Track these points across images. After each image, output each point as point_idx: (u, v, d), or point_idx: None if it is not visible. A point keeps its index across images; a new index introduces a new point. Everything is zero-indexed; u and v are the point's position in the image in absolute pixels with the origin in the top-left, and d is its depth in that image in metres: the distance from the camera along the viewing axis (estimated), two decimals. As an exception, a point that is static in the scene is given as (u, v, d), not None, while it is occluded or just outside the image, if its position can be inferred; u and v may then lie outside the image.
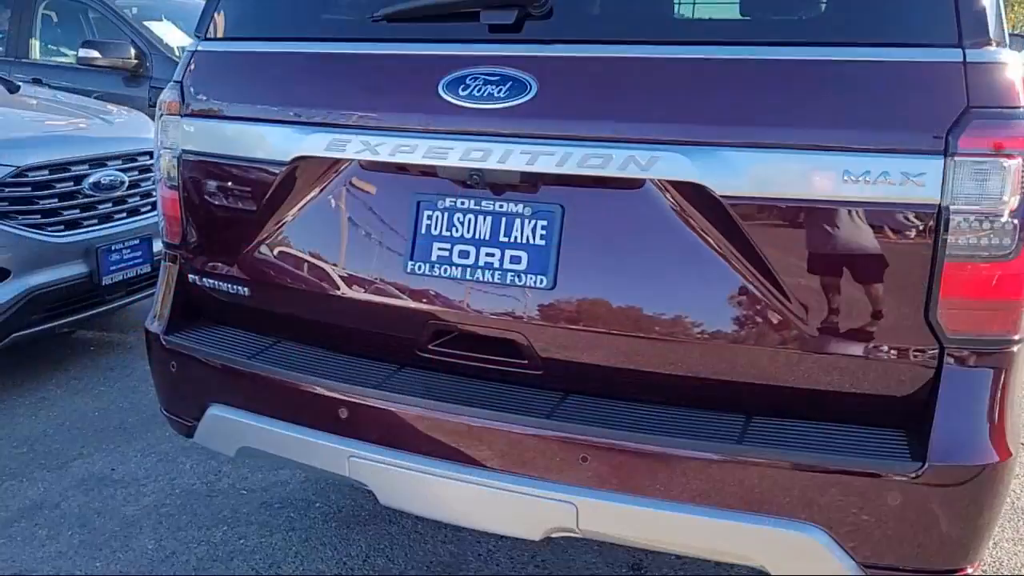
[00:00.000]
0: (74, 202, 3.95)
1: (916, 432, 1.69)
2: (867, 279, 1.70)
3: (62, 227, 3.89)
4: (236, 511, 3.03)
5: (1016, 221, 1.64)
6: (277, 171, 2.08)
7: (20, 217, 3.75)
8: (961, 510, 1.69)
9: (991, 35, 1.66)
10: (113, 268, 4.04)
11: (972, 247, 1.63)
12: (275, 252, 2.14)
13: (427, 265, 1.95)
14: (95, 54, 6.14)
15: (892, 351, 1.71)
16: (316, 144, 2.00)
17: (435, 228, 1.95)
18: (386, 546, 2.84)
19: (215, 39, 2.24)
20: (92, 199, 4.02)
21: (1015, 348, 1.71)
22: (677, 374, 1.84)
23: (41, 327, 3.87)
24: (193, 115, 2.21)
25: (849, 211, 1.67)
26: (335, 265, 2.07)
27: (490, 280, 1.90)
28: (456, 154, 1.86)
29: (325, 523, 2.96)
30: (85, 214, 4.00)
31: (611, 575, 2.71)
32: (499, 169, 1.83)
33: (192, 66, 2.25)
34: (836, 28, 1.74)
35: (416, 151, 1.90)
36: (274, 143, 2.07)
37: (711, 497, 1.75)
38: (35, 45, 6.75)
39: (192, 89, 2.23)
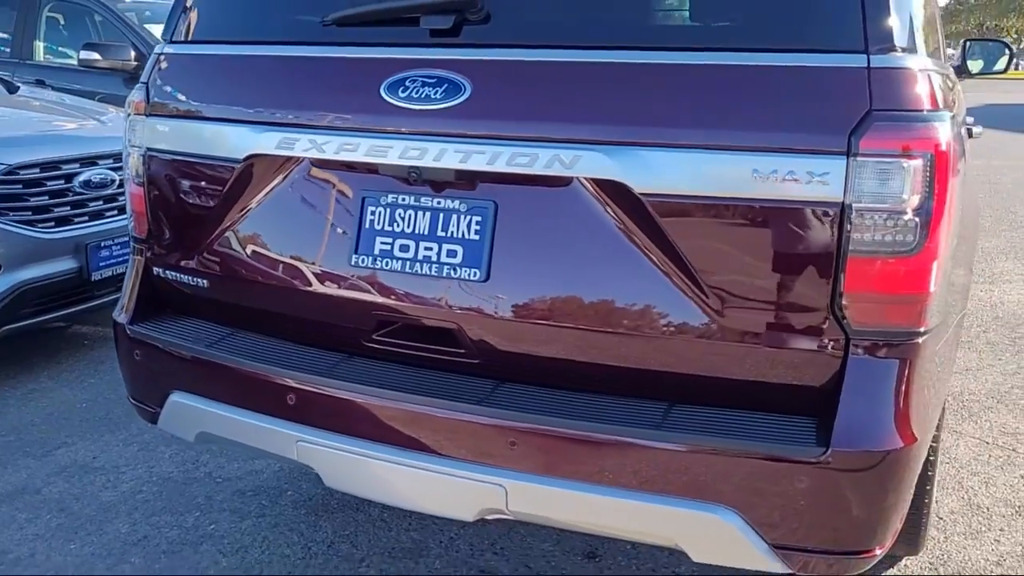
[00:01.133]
0: (65, 199, 4.08)
1: (825, 419, 1.77)
2: (777, 273, 1.78)
3: (53, 224, 4.02)
4: (210, 498, 3.14)
5: (917, 219, 1.72)
6: (233, 168, 2.18)
7: (11, 214, 3.88)
8: (866, 494, 1.77)
9: (896, 42, 1.74)
10: (103, 264, 4.16)
11: (874, 243, 1.71)
12: (231, 246, 2.24)
13: (370, 258, 2.05)
14: (96, 56, 6.28)
15: (802, 342, 1.80)
16: (268, 142, 2.11)
17: (378, 223, 2.04)
18: (351, 533, 2.93)
19: (179, 42, 2.35)
20: (83, 197, 4.15)
21: (920, 340, 1.79)
22: (603, 363, 1.93)
23: (31, 321, 4.00)
24: (157, 115, 2.32)
25: (759, 208, 1.75)
26: (287, 258, 2.17)
27: (428, 273, 1.99)
28: (396, 152, 1.96)
29: (295, 510, 3.06)
30: (76, 211, 4.12)
31: (567, 562, 2.79)
32: (435, 167, 1.93)
33: (157, 67, 2.36)
34: (749, 34, 1.82)
35: (359, 149, 2.00)
36: (230, 141, 2.17)
37: (632, 480, 1.84)
38: (39, 47, 6.91)
39: (156, 90, 2.34)
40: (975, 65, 5.11)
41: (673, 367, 1.88)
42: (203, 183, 2.26)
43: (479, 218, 1.95)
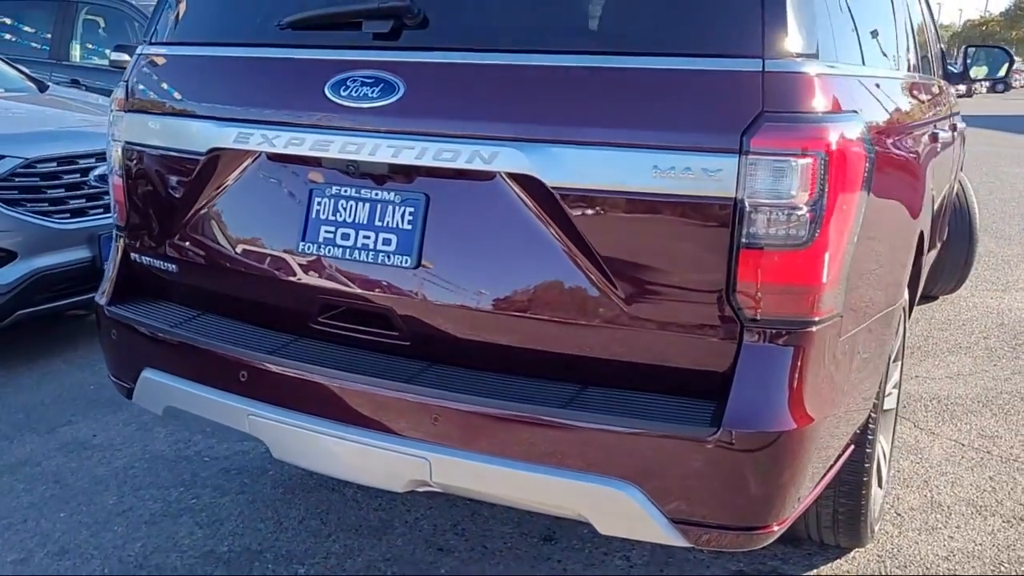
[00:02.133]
0: (80, 192, 4.31)
1: (722, 402, 1.88)
2: (677, 264, 1.89)
3: (68, 215, 4.25)
4: (196, 475, 3.32)
5: (808, 214, 1.82)
6: (198, 161, 2.35)
7: (28, 205, 4.11)
8: (760, 472, 1.87)
9: (794, 49, 1.85)
10: (115, 254, 4.37)
11: (765, 236, 1.82)
12: (196, 234, 2.41)
13: (315, 246, 2.20)
14: (126, 57, 6.53)
15: (701, 329, 1.91)
16: (226, 137, 2.27)
17: (323, 213, 2.20)
18: (323, 511, 3.09)
19: (155, 43, 2.53)
20: (97, 190, 4.37)
21: (814, 329, 1.89)
22: (521, 346, 2.06)
23: (45, 306, 4.23)
24: (133, 110, 2.50)
25: (659, 202, 1.87)
26: (244, 246, 2.33)
27: (366, 260, 2.14)
28: (336, 147, 2.11)
29: (273, 489, 3.23)
30: (90, 203, 4.35)
31: (524, 544, 2.92)
32: (370, 160, 2.08)
33: (136, 67, 2.54)
34: (655, 40, 1.94)
35: (305, 144, 2.15)
36: (195, 136, 2.34)
37: (542, 456, 1.96)
38: (75, 49, 7.21)
39: (134, 87, 2.52)
40: (979, 71, 5.14)
41: (585, 351, 2.01)
42: (172, 175, 2.43)
43: (412, 209, 2.09)
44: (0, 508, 3.06)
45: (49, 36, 7.23)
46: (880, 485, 2.98)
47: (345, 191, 2.17)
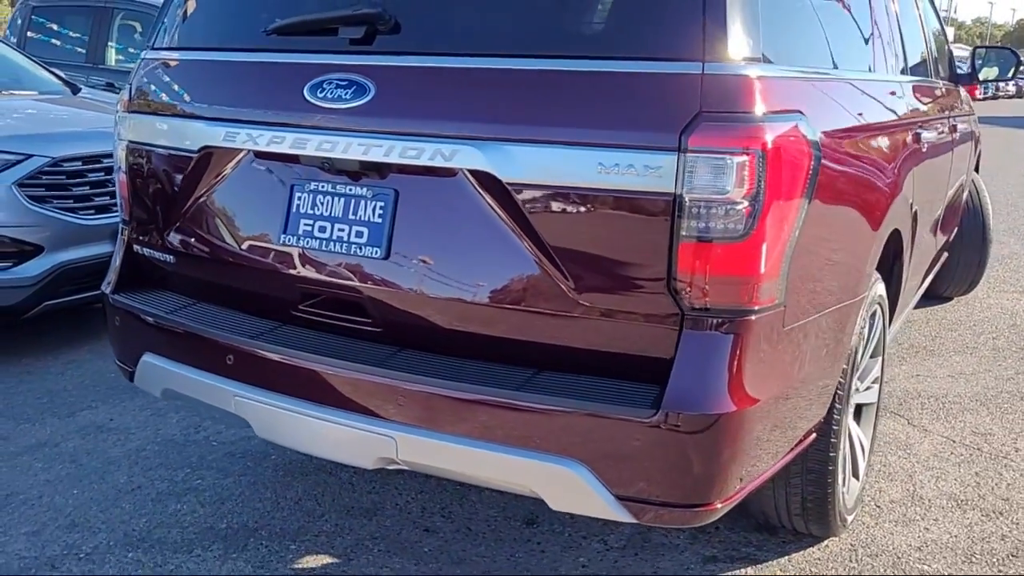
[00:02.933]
0: (104, 190, 4.52)
1: (663, 386, 1.99)
2: (622, 255, 2.01)
3: (92, 211, 4.47)
4: (203, 458, 3.49)
5: (744, 209, 1.93)
6: (191, 159, 2.51)
7: (55, 201, 4.33)
8: (700, 452, 1.98)
9: (732, 53, 1.96)
10: (137, 249, 4.58)
11: (703, 230, 1.93)
12: (190, 227, 2.57)
13: (295, 238, 2.35)
14: (159, 61, 6.78)
15: (647, 317, 2.02)
16: (216, 136, 2.43)
17: (303, 207, 2.35)
18: (319, 493, 3.24)
19: (157, 48, 2.70)
20: (121, 188, 4.58)
21: (753, 317, 1.99)
22: (482, 333, 2.19)
23: (71, 298, 4.45)
24: (135, 111, 2.68)
25: (605, 197, 1.98)
26: (233, 238, 2.49)
27: (340, 251, 2.28)
28: (313, 145, 2.26)
29: (274, 472, 3.39)
30: (113, 200, 4.55)
31: (507, 527, 3.04)
32: (343, 158, 2.22)
33: (138, 71, 2.71)
34: (603, 43, 2.06)
35: (285, 142, 2.30)
36: (188, 135, 2.51)
37: (498, 435, 2.09)
38: (111, 53, 7.49)
39: (136, 90, 2.69)
40: (990, 72, 5.16)
41: (540, 338, 2.13)
42: (169, 172, 2.60)
43: (382, 203, 2.23)
44: (19, 485, 3.26)
45: (87, 40, 7.51)
46: (857, 476, 3.06)
47: (322, 187, 2.32)
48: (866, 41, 2.97)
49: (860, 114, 2.64)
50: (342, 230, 2.28)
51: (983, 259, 5.79)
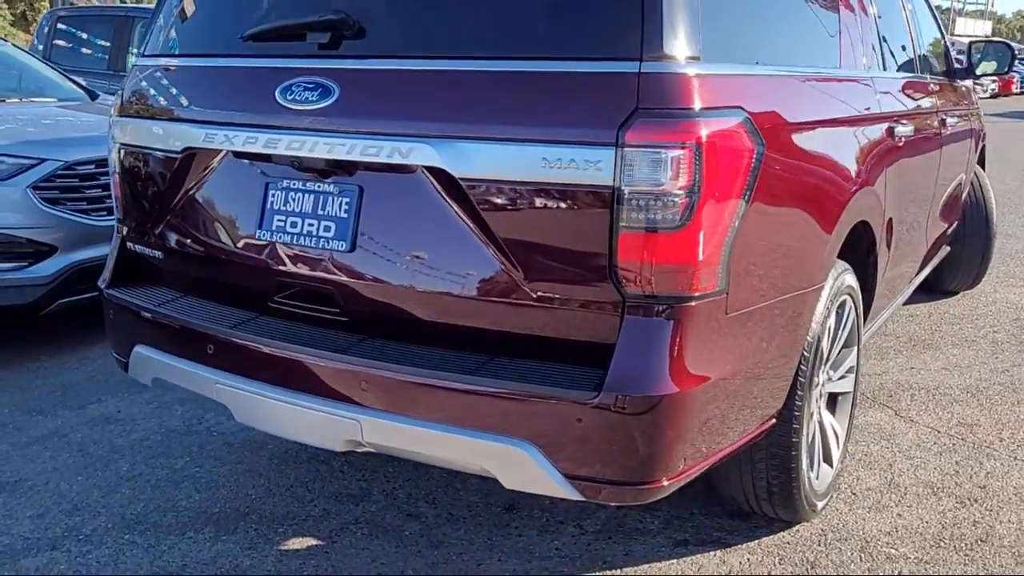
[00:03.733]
0: (116, 192, 4.69)
1: (606, 370, 2.09)
2: (567, 245, 2.11)
3: (104, 213, 4.64)
4: (202, 447, 3.64)
5: (681, 200, 2.02)
6: (175, 159, 2.65)
7: (68, 203, 4.52)
8: (643, 431, 2.08)
9: (670, 51, 2.06)
10: (148, 249, 4.76)
11: (641, 220, 2.03)
12: (176, 223, 2.72)
13: (270, 233, 2.48)
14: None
15: (591, 305, 2.12)
16: (196, 137, 2.57)
17: (276, 203, 2.48)
18: (310, 480, 3.37)
19: (146, 55, 2.85)
20: (133, 190, 4.76)
21: (693, 303, 2.09)
22: (440, 320, 2.30)
23: (83, 296, 4.63)
24: (127, 116, 2.83)
25: (549, 191, 2.09)
26: (214, 234, 2.63)
27: (310, 245, 2.41)
28: (283, 144, 2.39)
29: (269, 461, 3.53)
30: (125, 202, 4.73)
31: (487, 512, 3.15)
32: (310, 156, 2.35)
33: (130, 76, 2.86)
34: (546, 44, 2.16)
35: (259, 142, 2.44)
36: (172, 137, 2.65)
37: (455, 418, 2.20)
38: (131, 60, 7.70)
39: (127, 94, 2.84)
40: (987, 66, 5.18)
41: (493, 325, 2.24)
42: (157, 172, 2.75)
43: (348, 199, 2.36)
44: (27, 472, 3.43)
45: (109, 48, 7.75)
46: (830, 463, 3.12)
47: (293, 184, 2.45)
48: (832, 38, 3.04)
49: (817, 108, 2.72)
50: (311, 225, 2.41)
51: (987, 253, 5.80)
